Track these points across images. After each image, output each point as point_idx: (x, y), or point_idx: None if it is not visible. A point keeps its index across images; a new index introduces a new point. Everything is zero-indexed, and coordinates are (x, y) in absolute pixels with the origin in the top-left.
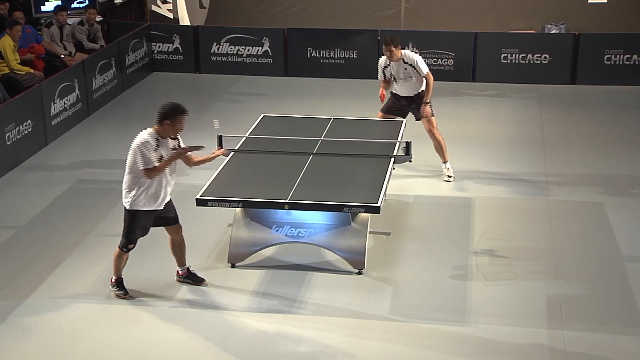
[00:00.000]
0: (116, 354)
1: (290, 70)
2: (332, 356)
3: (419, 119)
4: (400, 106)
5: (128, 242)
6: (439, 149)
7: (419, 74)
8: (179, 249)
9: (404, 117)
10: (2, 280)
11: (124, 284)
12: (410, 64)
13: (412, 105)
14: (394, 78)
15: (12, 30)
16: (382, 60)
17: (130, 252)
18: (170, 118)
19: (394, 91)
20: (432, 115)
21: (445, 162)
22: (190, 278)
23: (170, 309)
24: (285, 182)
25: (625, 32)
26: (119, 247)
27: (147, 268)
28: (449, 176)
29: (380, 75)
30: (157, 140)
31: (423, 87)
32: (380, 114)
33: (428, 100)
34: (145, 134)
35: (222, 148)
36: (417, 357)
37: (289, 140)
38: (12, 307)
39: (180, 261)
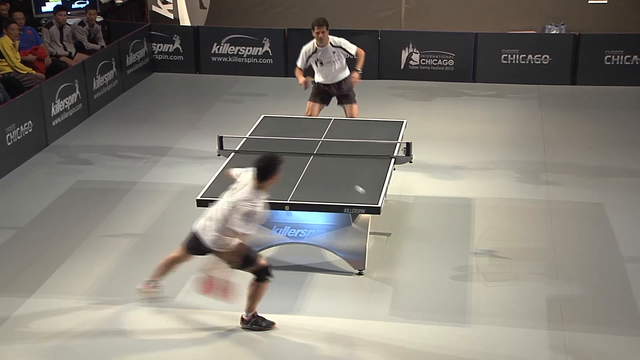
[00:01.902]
0: (116, 355)
1: (291, 71)
2: (332, 357)
3: (343, 105)
4: (326, 94)
5: (264, 267)
6: None
7: (349, 53)
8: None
9: (327, 104)
10: (3, 281)
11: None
12: (339, 46)
13: (338, 90)
14: (320, 63)
15: (8, 29)
16: (309, 46)
17: (131, 255)
18: (277, 172)
19: (317, 80)
20: (355, 102)
21: None
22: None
23: (170, 309)
24: (286, 182)
25: (626, 33)
26: (259, 281)
27: (148, 270)
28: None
29: (300, 62)
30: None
31: (345, 74)
32: (313, 105)
33: (359, 68)
34: (250, 193)
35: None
36: (418, 358)
37: (289, 141)
38: (13, 308)
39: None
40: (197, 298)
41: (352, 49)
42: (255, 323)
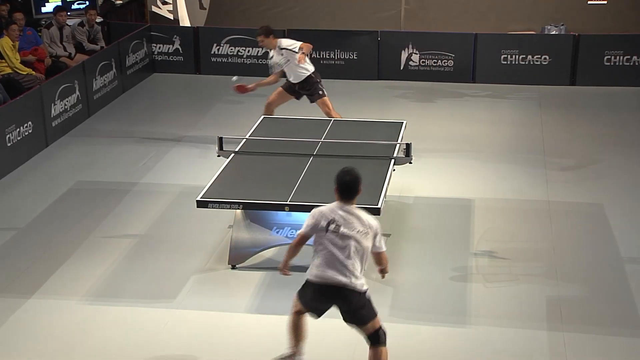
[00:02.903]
0: (117, 356)
1: None
2: (333, 357)
3: (313, 102)
4: (293, 90)
5: (380, 327)
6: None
7: (294, 51)
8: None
9: (295, 97)
10: (3, 282)
11: None
12: (285, 48)
13: (304, 90)
14: (279, 65)
15: (8, 30)
16: (270, 54)
17: (131, 255)
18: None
19: (287, 78)
20: (325, 95)
21: None
22: None
23: (171, 310)
24: (286, 183)
25: (625, 33)
26: (378, 344)
27: (148, 271)
28: None
29: (272, 69)
30: None
31: (307, 70)
32: (281, 91)
33: (304, 50)
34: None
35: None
36: (418, 357)
37: (289, 142)
38: (13, 309)
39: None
40: (197, 299)
41: (296, 46)
42: None
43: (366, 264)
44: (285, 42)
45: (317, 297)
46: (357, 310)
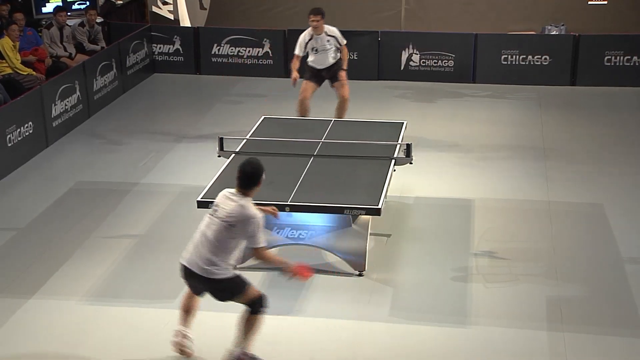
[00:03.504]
0: (117, 356)
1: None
2: (333, 358)
3: (334, 84)
4: (319, 76)
5: (261, 298)
6: (340, 109)
7: (340, 43)
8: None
9: (320, 85)
10: (3, 282)
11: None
12: (333, 36)
13: (329, 73)
14: (315, 50)
15: (8, 30)
16: (305, 35)
17: (131, 256)
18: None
19: (312, 64)
20: (345, 81)
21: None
22: None
23: (171, 310)
24: (286, 184)
25: (625, 33)
26: (254, 313)
27: (148, 271)
28: None
29: (299, 50)
30: None
31: (336, 58)
32: (308, 84)
33: (345, 67)
34: (253, 207)
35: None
36: (418, 357)
37: (289, 142)
38: (13, 309)
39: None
40: None
41: (343, 40)
42: None
43: (237, 254)
44: (334, 30)
45: (186, 277)
46: (220, 292)
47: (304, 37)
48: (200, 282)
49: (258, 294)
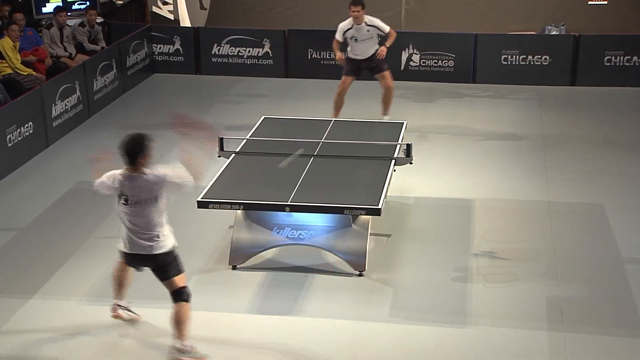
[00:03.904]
0: (117, 356)
1: (291, 72)
2: (333, 358)
3: (375, 75)
4: (358, 67)
5: (186, 288)
6: (386, 100)
7: (382, 32)
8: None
9: (359, 76)
10: (3, 283)
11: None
12: (373, 26)
13: (369, 63)
14: (355, 40)
15: (8, 30)
16: (345, 23)
17: None
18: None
19: (350, 56)
20: (388, 69)
21: (385, 114)
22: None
23: (170, 310)
24: (286, 184)
25: (626, 34)
26: (181, 300)
27: (149, 271)
28: None
29: (339, 35)
30: None
31: (375, 48)
32: (347, 79)
33: (388, 45)
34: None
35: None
36: (418, 358)
37: (289, 143)
38: (14, 309)
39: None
40: (198, 299)
41: (386, 28)
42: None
43: (164, 216)
44: (375, 20)
45: (130, 262)
46: (163, 267)
47: (343, 24)
48: (146, 261)
49: (185, 284)
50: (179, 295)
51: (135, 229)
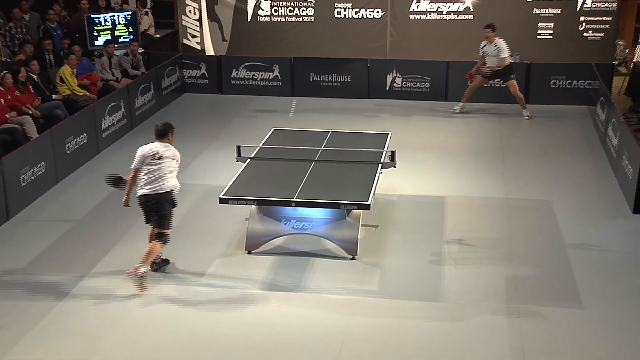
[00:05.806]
0: (153, 329)
1: (296, 92)
2: (331, 326)
3: (504, 83)
4: (492, 74)
5: (168, 235)
6: (520, 102)
7: (499, 55)
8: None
9: (489, 81)
10: (65, 262)
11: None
12: (498, 47)
13: (497, 74)
14: (487, 54)
15: (68, 60)
16: (484, 42)
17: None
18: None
19: (487, 64)
20: (514, 78)
21: (524, 108)
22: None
23: (197, 287)
24: (292, 184)
25: (568, 62)
26: (160, 240)
27: (180, 255)
28: (527, 116)
29: (480, 52)
30: None
31: (504, 64)
32: (479, 77)
33: (513, 75)
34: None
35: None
36: (400, 326)
37: (295, 150)
38: (72, 284)
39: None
40: (219, 280)
41: (503, 54)
42: (157, 269)
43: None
44: (501, 42)
45: (143, 204)
46: (162, 204)
47: (483, 43)
48: (153, 200)
49: (169, 232)
50: (160, 237)
51: (154, 176)
